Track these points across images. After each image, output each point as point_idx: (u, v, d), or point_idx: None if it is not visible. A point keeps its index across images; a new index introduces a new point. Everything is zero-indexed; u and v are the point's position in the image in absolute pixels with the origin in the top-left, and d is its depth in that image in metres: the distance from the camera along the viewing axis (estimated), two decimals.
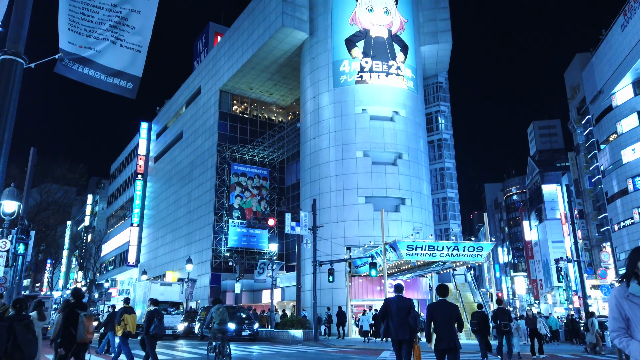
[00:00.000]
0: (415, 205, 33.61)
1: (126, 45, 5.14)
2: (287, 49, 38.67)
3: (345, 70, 34.89)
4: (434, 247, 24.15)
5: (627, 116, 44.17)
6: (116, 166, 78.22)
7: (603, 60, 46.69)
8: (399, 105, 34.80)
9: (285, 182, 47.99)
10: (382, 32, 35.22)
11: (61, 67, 4.74)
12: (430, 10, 39.56)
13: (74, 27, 4.81)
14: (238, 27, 43.14)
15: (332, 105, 35.02)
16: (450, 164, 42.14)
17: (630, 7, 40.97)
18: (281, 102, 48.50)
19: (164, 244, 54.81)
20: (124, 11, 5.07)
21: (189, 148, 51.00)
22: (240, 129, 46.60)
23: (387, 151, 33.84)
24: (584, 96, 52.72)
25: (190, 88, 53.36)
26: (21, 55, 4.17)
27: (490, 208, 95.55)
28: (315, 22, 36.90)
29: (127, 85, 5.20)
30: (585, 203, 54.32)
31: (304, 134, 37.41)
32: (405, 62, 35.56)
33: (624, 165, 44.11)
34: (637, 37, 40.10)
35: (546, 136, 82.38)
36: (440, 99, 42.56)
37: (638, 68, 41.51)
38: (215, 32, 56.64)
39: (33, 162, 16.34)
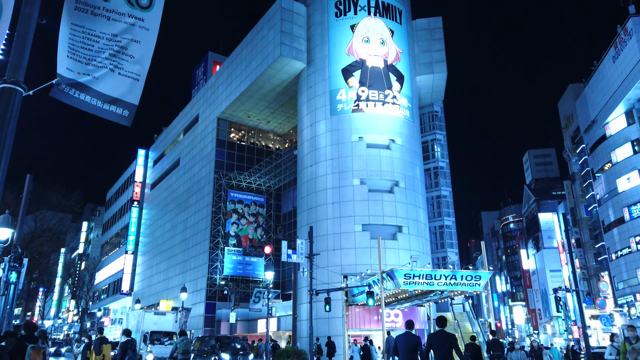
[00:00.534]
0: (413, 233, 33.48)
1: (124, 73, 5.19)
2: (285, 78, 39.18)
3: (342, 99, 35.30)
4: (432, 276, 23.93)
5: (621, 145, 44.63)
6: (112, 193, 77.99)
7: (596, 91, 47.47)
8: (396, 133, 35.09)
9: (282, 209, 47.87)
10: (378, 62, 35.80)
11: (57, 92, 4.77)
12: (425, 42, 40.34)
13: (73, 54, 4.87)
14: (237, 57, 43.79)
15: (329, 133, 35.27)
16: (446, 192, 42.22)
17: (621, 39, 41.94)
18: (278, 129, 48.84)
19: (158, 272, 54.18)
20: (124, 41, 5.14)
21: (186, 175, 51.02)
22: (237, 156, 46.76)
23: (384, 179, 33.92)
24: (578, 125, 53.36)
25: (188, 116, 53.75)
26: (20, 84, 4.20)
27: (487, 236, 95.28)
28: (313, 52, 37.52)
29: (123, 113, 5.23)
30: (582, 232, 54.27)
31: (300, 161, 37.54)
32: (401, 92, 36.05)
33: (619, 194, 44.31)
34: (628, 68, 40.90)
35: (541, 165, 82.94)
36: (436, 127, 42.97)
37: (630, 98, 42.19)
38: (214, 62, 57.45)
39: (29, 189, 16.25)
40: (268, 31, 38.57)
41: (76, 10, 4.95)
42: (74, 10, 4.95)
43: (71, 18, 4.94)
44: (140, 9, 5.18)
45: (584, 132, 51.22)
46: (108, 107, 5.09)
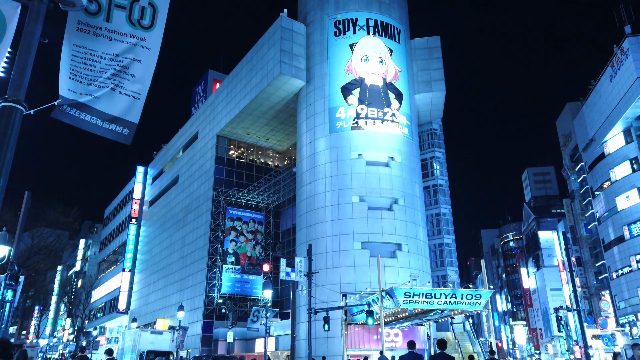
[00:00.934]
0: (412, 251, 33.31)
1: (125, 92, 5.20)
2: (284, 96, 39.41)
3: (341, 117, 35.45)
4: (432, 295, 23.73)
5: (620, 164, 44.75)
6: (110, 210, 77.75)
7: (593, 109, 47.78)
8: (395, 151, 35.17)
9: (281, 226, 47.69)
10: (377, 81, 36.07)
11: (58, 112, 4.77)
12: (423, 60, 40.72)
13: (75, 75, 4.87)
14: (237, 75, 44.11)
15: (328, 150, 35.34)
16: (446, 210, 42.15)
17: (617, 59, 42.37)
18: (278, 147, 48.95)
19: (155, 290, 53.70)
20: (125, 60, 5.15)
21: (185, 192, 50.93)
22: (236, 174, 46.75)
23: (383, 196, 33.87)
24: (577, 144, 53.57)
25: (188, 133, 53.90)
26: (21, 102, 4.20)
27: (487, 254, 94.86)
28: (312, 71, 37.82)
29: (122, 131, 5.21)
30: (582, 250, 54.05)
31: (299, 178, 37.53)
32: (400, 109, 36.24)
33: (619, 212, 44.26)
34: (625, 87, 41.24)
35: (540, 182, 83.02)
36: (435, 145, 43.10)
37: (628, 117, 42.45)
38: (214, 79, 57.86)
39: (27, 206, 16.16)
40: (268, 49, 38.93)
41: (78, 31, 4.98)
42: (76, 31, 4.98)
43: (73, 39, 4.96)
44: (142, 29, 5.21)
45: (583, 150, 51.40)
46: (108, 126, 5.09)
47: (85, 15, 5.00)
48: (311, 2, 40.08)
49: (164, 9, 5.30)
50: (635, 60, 39.86)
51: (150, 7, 5.23)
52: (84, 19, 5.01)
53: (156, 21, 5.27)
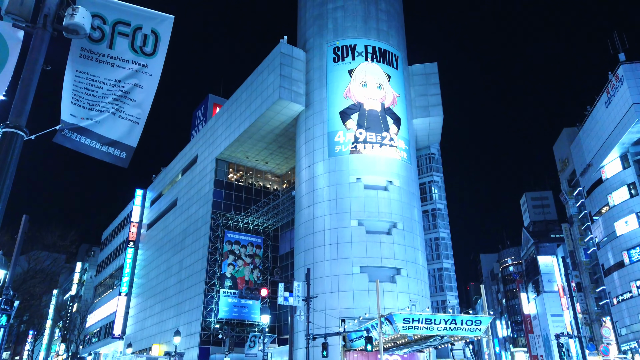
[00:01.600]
0: (411, 276, 33.06)
1: (125, 116, 5.26)
2: (284, 120, 39.73)
3: (339, 141, 35.66)
4: (431, 321, 23.46)
5: (618, 189, 44.86)
6: (108, 233, 77.35)
7: (590, 135, 48.16)
8: (393, 175, 35.26)
9: (279, 250, 47.41)
10: (376, 106, 36.43)
11: (60, 137, 4.82)
12: (421, 86, 41.22)
13: (77, 100, 4.95)
14: (237, 99, 44.54)
15: (326, 174, 35.43)
16: (445, 234, 42.01)
17: (613, 85, 42.94)
18: (276, 170, 49.07)
19: (151, 314, 53.00)
20: (127, 86, 5.24)
21: (183, 215, 50.79)
22: (235, 197, 46.72)
23: (382, 220, 33.81)
24: (574, 169, 53.81)
25: (187, 156, 54.09)
26: (22, 128, 4.25)
27: (487, 279, 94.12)
28: (311, 96, 38.22)
29: (120, 155, 5.26)
30: (582, 275, 53.69)
31: (298, 202, 37.52)
32: (398, 134, 36.49)
33: (618, 237, 44.15)
34: (621, 113, 41.67)
35: (539, 207, 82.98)
36: (433, 169, 43.24)
37: (624, 143, 42.77)
38: (214, 104, 58.39)
39: (24, 230, 16.09)
40: (268, 75, 39.42)
41: (81, 58, 5.08)
42: (79, 57, 5.08)
43: (76, 65, 5.06)
44: (144, 56, 5.32)
45: (580, 175, 51.60)
46: (106, 149, 5.14)
47: (89, 43, 5.11)
48: (310, 30, 40.80)
49: (166, 36, 5.42)
50: (630, 87, 40.39)
51: (152, 35, 5.34)
52: (87, 46, 5.11)
53: (158, 48, 5.38)
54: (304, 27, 42.03)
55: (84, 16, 4.70)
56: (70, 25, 4.68)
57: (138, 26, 5.25)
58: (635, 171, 43.55)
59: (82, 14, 4.70)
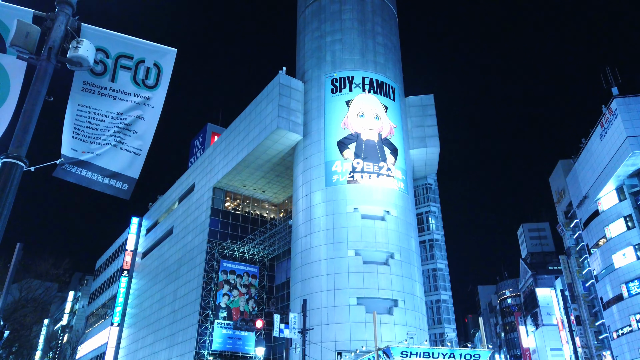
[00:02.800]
0: (409, 308, 32.62)
1: (126, 148, 5.27)
2: (281, 149, 39.93)
3: (337, 170, 35.78)
4: (430, 354, 23.06)
5: (614, 221, 44.87)
6: (102, 262, 76.46)
7: (585, 167, 48.49)
8: (390, 205, 35.24)
9: (275, 280, 46.86)
10: (373, 136, 36.73)
11: (60, 171, 4.81)
12: (418, 117, 41.70)
13: (78, 134, 4.96)
14: (235, 128, 44.86)
15: (324, 203, 35.38)
16: (442, 265, 41.68)
17: (607, 118, 43.53)
18: (274, 199, 49.00)
19: (144, 345, 51.87)
20: (129, 118, 5.27)
21: (179, 244, 50.36)
22: (231, 226, 46.47)
23: (379, 250, 33.59)
24: (570, 200, 53.93)
25: (185, 184, 54.04)
26: (22, 159, 4.24)
27: (485, 312, 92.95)
28: (309, 125, 38.55)
29: (122, 187, 5.24)
30: (581, 308, 53.09)
31: (295, 231, 37.32)
32: (395, 164, 36.67)
33: (616, 270, 43.89)
34: (615, 146, 42.09)
35: (536, 239, 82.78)
36: (430, 199, 43.27)
37: (620, 175, 43.03)
38: (212, 133, 58.73)
39: (18, 258, 15.89)
40: (266, 105, 39.84)
41: (83, 91, 5.12)
42: (81, 91, 5.12)
43: (78, 99, 5.09)
44: (146, 89, 5.37)
45: (577, 207, 51.68)
46: (108, 181, 5.12)
47: (91, 76, 5.16)
48: (309, 61, 41.51)
49: (168, 69, 5.48)
50: (624, 120, 40.95)
51: (155, 68, 5.40)
52: (90, 79, 5.16)
53: (160, 81, 5.43)
54: (303, 59, 42.77)
55: (87, 49, 4.76)
56: (74, 57, 4.73)
57: (141, 59, 5.32)
58: (631, 204, 43.67)
59: (87, 47, 4.76)
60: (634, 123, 40.67)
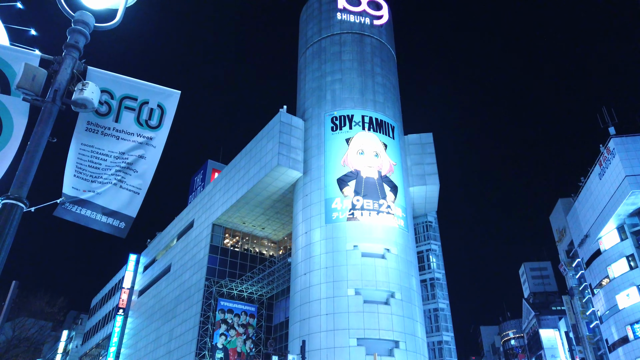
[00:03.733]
0: (410, 350, 31.83)
1: (126, 187, 5.28)
2: (281, 186, 40.00)
3: (337, 208, 35.70)
4: None
5: (617, 261, 44.46)
6: (97, 300, 75.19)
7: (586, 206, 48.44)
8: (391, 242, 34.98)
9: (274, 319, 45.94)
10: (373, 173, 36.86)
11: (60, 210, 4.80)
12: (417, 155, 41.99)
13: (80, 173, 4.98)
14: (235, 165, 45.09)
15: (323, 241, 35.12)
16: (444, 305, 40.99)
17: (605, 157, 43.83)
18: (273, 236, 48.69)
19: None
20: (130, 157, 5.30)
21: (176, 282, 49.67)
22: (230, 263, 45.98)
23: (380, 289, 33.08)
24: (572, 239, 53.60)
25: (184, 221, 53.81)
26: (23, 200, 4.24)
27: (488, 353, 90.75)
28: (309, 163, 38.76)
29: (119, 225, 5.23)
30: (586, 351, 51.83)
31: (294, 269, 36.88)
32: (395, 202, 36.63)
33: (620, 311, 43.14)
34: (615, 185, 42.19)
35: (538, 278, 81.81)
36: (430, 237, 43.01)
37: (620, 214, 42.93)
38: (213, 169, 59.04)
39: (12, 296, 15.60)
40: (267, 142, 40.19)
41: (87, 131, 5.18)
42: (84, 131, 5.18)
43: (81, 138, 5.15)
44: (149, 129, 5.43)
45: (578, 246, 51.31)
46: (105, 220, 5.11)
47: (95, 116, 5.23)
48: (309, 100, 42.19)
49: (171, 110, 5.56)
50: (622, 159, 41.22)
51: (158, 109, 5.49)
52: (94, 120, 5.23)
53: (163, 121, 5.51)
54: (303, 98, 43.48)
55: (93, 91, 4.83)
56: (79, 99, 4.80)
57: (145, 101, 5.41)
58: (633, 243, 43.39)
59: (92, 89, 4.84)
60: (632, 162, 40.94)
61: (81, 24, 5.12)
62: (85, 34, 5.13)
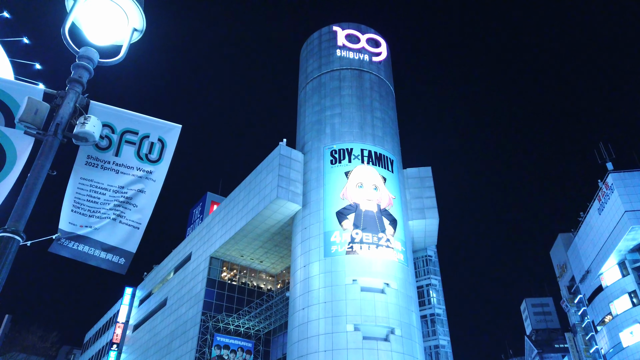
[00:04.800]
0: None
1: (125, 222, 5.23)
2: (280, 219, 39.85)
3: (336, 241, 35.46)
4: None
5: (619, 297, 43.92)
6: (91, 334, 73.67)
7: (586, 241, 48.20)
8: (390, 277, 34.57)
9: (271, 356, 44.89)
10: (372, 207, 36.80)
11: (56, 247, 4.74)
12: (416, 189, 42.04)
13: (78, 208, 4.95)
14: (234, 198, 45.06)
15: (322, 274, 34.72)
16: (445, 342, 40.15)
17: (603, 193, 43.92)
18: (271, 269, 48.17)
19: None
20: (130, 192, 5.27)
21: (172, 316, 48.80)
22: (227, 297, 45.31)
23: (379, 325, 32.47)
24: (573, 275, 53.10)
25: (181, 254, 53.35)
26: (20, 233, 4.20)
27: None
28: (308, 195, 38.76)
29: (119, 261, 5.15)
30: None
31: (292, 303, 36.31)
32: (394, 235, 36.42)
33: (624, 349, 42.30)
34: (614, 221, 42.11)
35: (540, 314, 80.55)
36: (430, 272, 42.55)
37: (621, 250, 42.69)
38: (212, 201, 58.97)
39: (5, 331, 15.30)
40: (266, 175, 40.31)
41: (87, 165, 5.18)
42: (84, 165, 5.18)
43: (81, 172, 5.14)
44: (149, 163, 5.43)
45: (580, 281, 50.78)
46: (105, 256, 5.04)
47: (95, 151, 5.24)
48: (309, 134, 42.57)
49: (172, 144, 5.58)
50: (620, 195, 41.31)
51: (159, 143, 5.51)
52: (94, 154, 5.24)
53: (164, 155, 5.52)
54: (303, 131, 43.88)
55: (94, 125, 4.86)
56: (80, 133, 4.83)
57: (145, 135, 5.43)
58: (634, 279, 42.96)
59: (94, 123, 4.87)
60: (630, 197, 41.01)
61: (85, 60, 5.20)
62: (89, 69, 5.20)
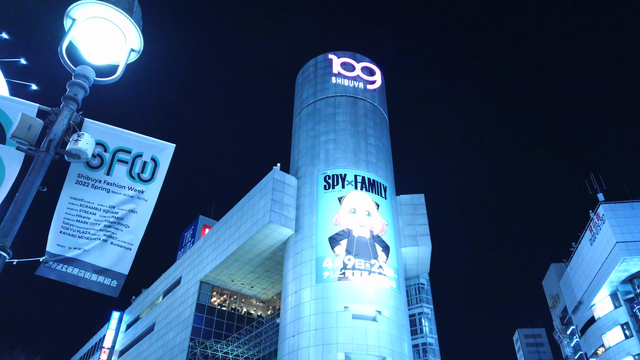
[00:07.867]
0: None
1: (117, 243, 5.13)
2: (272, 244, 39.54)
3: (328, 267, 35.14)
4: None
5: (611, 329, 43.62)
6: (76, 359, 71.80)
7: (578, 272, 48.14)
8: (382, 304, 34.17)
9: None
10: (365, 233, 36.66)
11: (44, 269, 4.62)
12: (409, 216, 42.00)
13: (67, 229, 4.84)
14: (227, 221, 44.74)
15: (313, 301, 34.26)
16: None
17: (595, 223, 44.09)
18: (262, 295, 47.51)
19: None
20: (121, 212, 5.18)
21: (159, 342, 47.74)
22: (216, 323, 44.49)
23: (370, 354, 31.90)
24: (565, 306, 52.82)
25: (171, 278, 52.58)
26: (7, 249, 4.11)
27: None
28: (301, 220, 38.58)
29: (111, 283, 5.03)
30: None
31: (282, 330, 35.69)
32: (387, 262, 36.18)
33: None
34: (606, 252, 42.16)
35: (533, 345, 79.72)
36: (423, 300, 42.17)
37: (613, 281, 42.62)
38: (204, 225, 58.51)
39: None
40: (260, 199, 40.17)
41: (77, 184, 5.08)
42: (75, 183, 5.08)
43: (71, 192, 5.03)
44: (141, 182, 5.36)
45: (572, 312, 50.49)
46: (96, 278, 4.90)
47: (86, 169, 5.17)
48: (303, 159, 42.69)
49: (165, 163, 5.51)
50: (612, 226, 41.47)
51: (152, 162, 5.44)
52: (84, 172, 5.16)
53: (156, 175, 5.44)
54: (297, 156, 43.99)
55: (88, 142, 4.80)
56: (73, 150, 4.77)
57: (138, 154, 5.38)
58: (627, 311, 42.76)
59: (87, 140, 4.81)
60: (622, 229, 41.16)
61: (81, 78, 5.19)
62: (84, 88, 5.18)
